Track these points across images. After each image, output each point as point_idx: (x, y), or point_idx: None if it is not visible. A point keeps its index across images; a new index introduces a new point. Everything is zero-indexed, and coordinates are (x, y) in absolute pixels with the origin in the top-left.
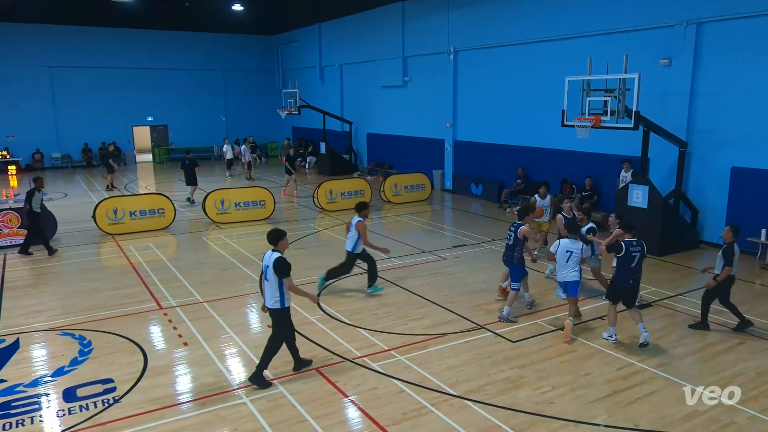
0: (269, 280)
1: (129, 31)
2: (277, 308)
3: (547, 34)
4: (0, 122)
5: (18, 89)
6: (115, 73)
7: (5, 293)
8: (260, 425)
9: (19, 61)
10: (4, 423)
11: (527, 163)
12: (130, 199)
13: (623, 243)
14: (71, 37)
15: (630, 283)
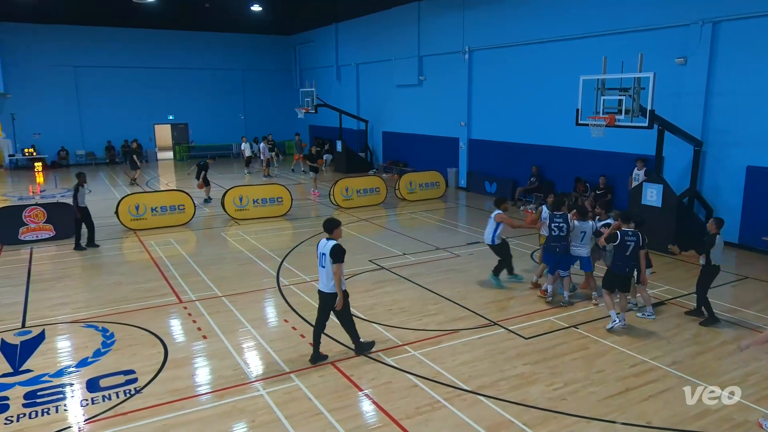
0: (325, 267)
1: (151, 32)
2: (333, 292)
3: (562, 33)
4: (27, 120)
5: (44, 88)
6: (137, 72)
7: (32, 286)
8: (277, 417)
9: (46, 61)
10: (30, 411)
11: (541, 161)
12: (152, 195)
13: (619, 233)
14: (95, 37)
15: (626, 271)
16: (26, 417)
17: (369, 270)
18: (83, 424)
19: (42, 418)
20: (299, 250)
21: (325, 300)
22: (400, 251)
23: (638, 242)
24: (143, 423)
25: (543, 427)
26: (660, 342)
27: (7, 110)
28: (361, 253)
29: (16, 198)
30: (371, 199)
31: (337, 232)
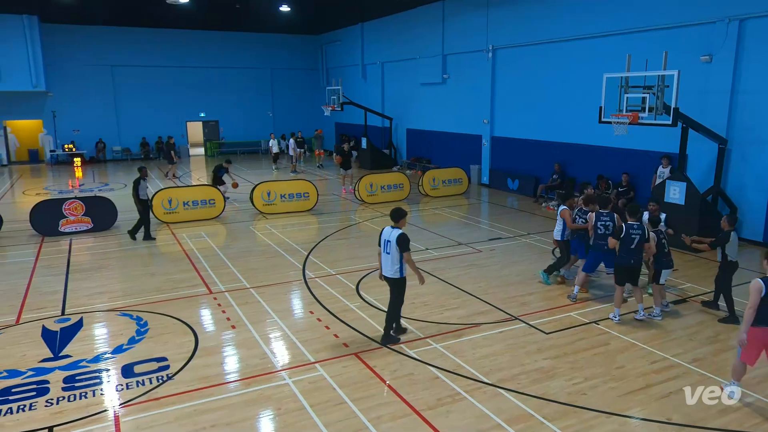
0: (390, 253)
1: (183, 32)
2: (396, 277)
3: (586, 31)
4: (67, 117)
5: (83, 87)
6: (170, 71)
7: (71, 276)
8: (302, 405)
9: (85, 61)
10: (69, 395)
11: (564, 158)
12: (184, 190)
13: (624, 225)
14: (131, 38)
15: (631, 262)
16: (65, 400)
17: None
18: (118, 407)
19: (80, 401)
20: (324, 244)
21: (390, 284)
22: (423, 246)
23: (643, 235)
24: (175, 408)
25: (563, 421)
26: (681, 339)
27: (48, 108)
28: None
29: (57, 192)
30: (395, 194)
31: (402, 222)
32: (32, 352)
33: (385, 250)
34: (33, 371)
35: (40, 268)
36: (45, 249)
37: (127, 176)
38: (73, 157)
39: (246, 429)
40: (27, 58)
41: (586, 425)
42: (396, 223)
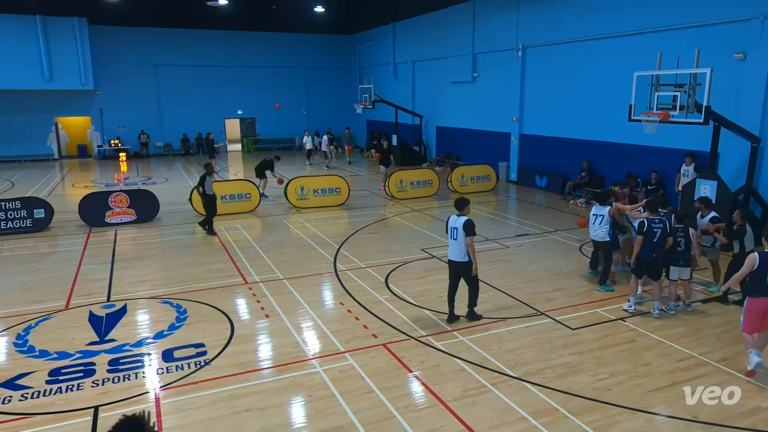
0: (457, 239)
1: (222, 33)
2: (465, 261)
3: (617, 29)
4: (113, 114)
5: (128, 85)
6: (210, 70)
7: (116, 264)
8: (332, 393)
9: (130, 61)
10: (113, 377)
11: (592, 156)
12: (221, 184)
13: (646, 220)
14: (174, 39)
15: (653, 256)
16: (110, 381)
17: (421, 258)
18: (159, 390)
19: (123, 383)
20: (355, 238)
21: (458, 268)
22: None
23: (665, 229)
24: (211, 392)
25: (587, 416)
26: (710, 338)
27: (96, 106)
28: (414, 241)
29: (103, 185)
30: (424, 190)
31: (467, 209)
32: (80, 335)
33: (452, 236)
34: (81, 354)
35: (87, 256)
36: (92, 239)
37: (168, 171)
38: (119, 152)
39: (278, 414)
40: (77, 59)
41: (611, 421)
42: (461, 210)
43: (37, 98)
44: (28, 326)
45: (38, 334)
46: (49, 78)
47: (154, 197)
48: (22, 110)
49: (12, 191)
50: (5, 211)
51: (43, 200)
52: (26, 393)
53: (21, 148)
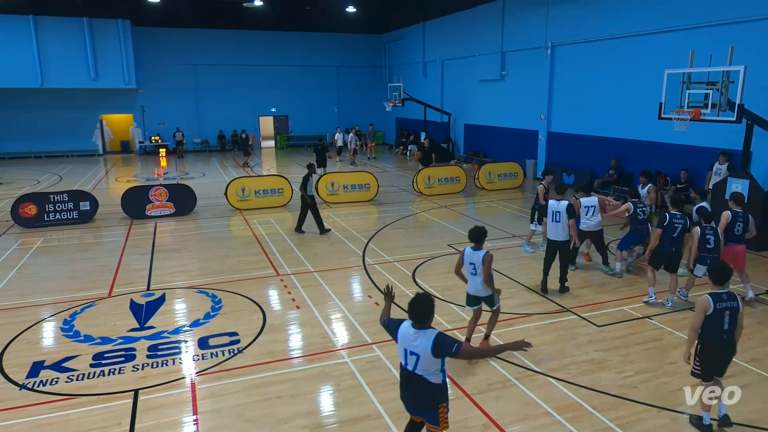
0: (560, 222)
1: (257, 33)
2: (566, 240)
3: (648, 27)
4: (154, 111)
5: (168, 84)
6: (245, 69)
7: (155, 255)
8: (359, 383)
9: (170, 61)
10: (152, 362)
11: (621, 154)
12: (255, 179)
13: (667, 214)
14: (211, 39)
15: (672, 250)
16: (149, 366)
17: (448, 254)
18: (195, 376)
19: (161, 368)
20: (383, 233)
21: (557, 246)
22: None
23: (685, 225)
24: (244, 379)
25: (612, 413)
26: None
27: (138, 103)
28: (441, 237)
29: (144, 179)
30: (451, 187)
31: (565, 194)
32: (122, 322)
33: (554, 219)
34: (122, 339)
35: (129, 247)
36: (134, 230)
37: (205, 167)
38: (159, 148)
39: (308, 402)
40: (121, 59)
41: (636, 418)
42: (562, 195)
43: (83, 96)
44: (74, 312)
45: (83, 320)
46: (94, 77)
47: (192, 191)
48: (70, 108)
49: (60, 185)
50: (54, 203)
51: (88, 193)
52: (72, 375)
53: (68, 143)
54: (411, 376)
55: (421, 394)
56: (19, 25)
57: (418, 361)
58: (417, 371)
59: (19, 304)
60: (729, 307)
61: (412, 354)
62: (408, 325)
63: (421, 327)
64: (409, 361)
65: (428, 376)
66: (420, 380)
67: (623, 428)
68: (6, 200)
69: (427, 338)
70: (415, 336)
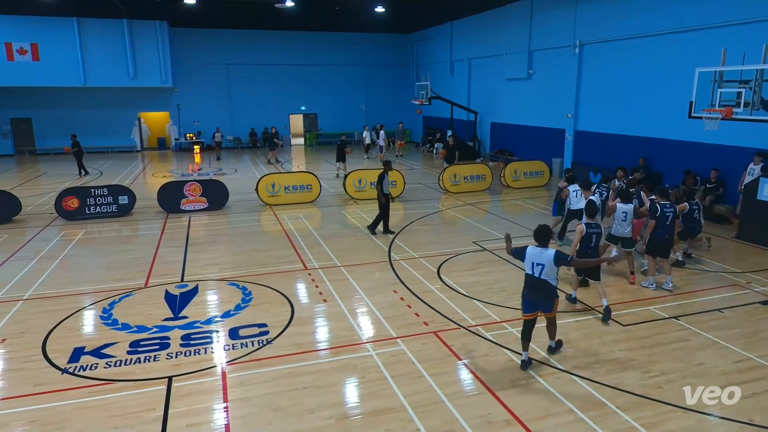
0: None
1: (288, 33)
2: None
3: (678, 25)
4: (189, 110)
5: (202, 83)
6: (276, 69)
7: (189, 248)
8: (384, 376)
9: (204, 60)
10: (185, 351)
11: (649, 153)
12: (285, 176)
13: (658, 206)
14: (244, 39)
15: (666, 237)
16: (182, 355)
17: (472, 250)
18: (225, 365)
19: (194, 357)
20: (409, 229)
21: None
22: (503, 235)
23: (675, 213)
24: (272, 369)
25: (636, 412)
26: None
27: (174, 102)
28: (466, 234)
29: (179, 174)
30: (477, 185)
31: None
32: (157, 311)
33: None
34: (157, 328)
35: (164, 240)
36: (169, 224)
37: (237, 163)
38: (194, 144)
39: (334, 393)
40: (158, 59)
41: (661, 419)
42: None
43: (122, 95)
44: (113, 301)
45: (121, 309)
46: (133, 76)
47: (224, 187)
48: (110, 106)
49: (100, 179)
50: (94, 197)
51: (127, 188)
52: (110, 361)
53: (108, 140)
54: (537, 281)
55: (544, 292)
56: (64, 27)
57: (543, 270)
58: (542, 277)
59: (61, 292)
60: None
61: (538, 265)
62: (533, 247)
63: (544, 246)
64: (536, 270)
65: (550, 280)
66: (544, 283)
67: (647, 428)
68: (50, 194)
69: (549, 253)
70: (540, 253)
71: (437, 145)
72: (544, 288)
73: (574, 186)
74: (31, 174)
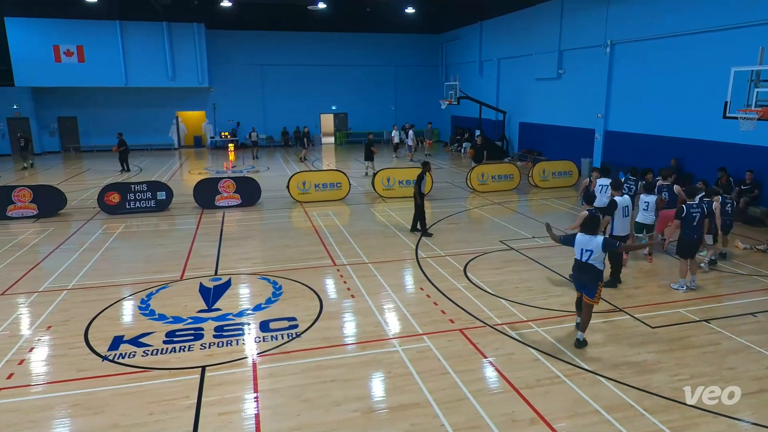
0: (628, 216)
1: (320, 34)
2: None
3: (713, 24)
4: (224, 109)
5: (237, 83)
6: (308, 69)
7: (223, 243)
8: (409, 371)
9: (239, 61)
10: (218, 341)
11: (681, 153)
12: (315, 173)
13: (684, 206)
14: (277, 40)
15: (695, 237)
16: (215, 345)
17: (499, 249)
18: (256, 356)
19: (226, 348)
20: (436, 228)
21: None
22: (530, 234)
23: (703, 212)
24: (301, 362)
25: (664, 415)
26: None
27: (210, 101)
28: (493, 233)
29: (214, 172)
30: (505, 184)
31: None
32: (192, 303)
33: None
34: (192, 319)
35: (199, 234)
36: (204, 219)
37: (270, 161)
38: (228, 143)
39: (360, 386)
40: (195, 60)
41: (690, 422)
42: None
43: (161, 95)
44: (150, 293)
45: (158, 300)
46: (172, 77)
47: (257, 184)
48: (149, 105)
49: (140, 175)
50: (134, 193)
51: (164, 184)
52: (147, 350)
53: (147, 138)
54: (585, 265)
55: (590, 275)
56: (108, 29)
57: (591, 255)
58: (589, 261)
59: (103, 283)
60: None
61: (587, 251)
62: (581, 235)
63: (592, 234)
64: (584, 255)
65: (597, 265)
66: (591, 267)
67: None
68: (93, 189)
69: (598, 240)
70: (588, 240)
71: (465, 144)
72: (591, 271)
73: (603, 180)
74: (75, 170)
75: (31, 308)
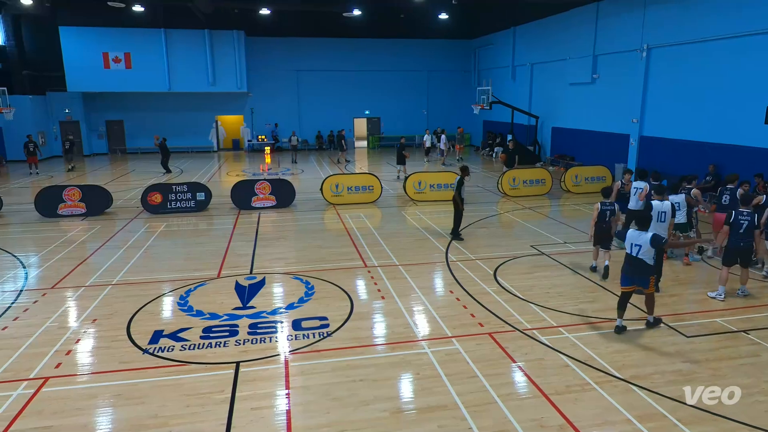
0: (664, 222)
1: (354, 40)
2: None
3: (752, 27)
4: (261, 113)
5: (274, 88)
6: (342, 74)
7: (258, 242)
8: (438, 373)
9: (276, 67)
10: (252, 338)
11: (719, 160)
12: (348, 177)
13: (733, 212)
14: (313, 46)
15: (741, 245)
16: (249, 342)
17: (530, 254)
18: (288, 354)
19: (259, 344)
20: (467, 231)
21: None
22: (561, 240)
23: (752, 221)
24: (332, 360)
25: (698, 426)
26: None
27: (248, 106)
28: (524, 238)
29: (251, 174)
30: (537, 189)
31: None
32: (228, 301)
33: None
34: (227, 316)
35: (236, 234)
36: (240, 219)
37: (304, 164)
38: (265, 146)
39: (388, 387)
40: (235, 66)
41: None
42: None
43: (202, 99)
44: (189, 289)
45: (196, 297)
46: (212, 82)
47: (291, 186)
48: (191, 109)
49: (181, 177)
50: (175, 193)
51: (204, 185)
52: (185, 344)
53: (188, 140)
54: (635, 259)
55: (641, 270)
56: (153, 37)
57: (640, 250)
58: (639, 256)
59: (145, 279)
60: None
61: (636, 245)
62: (632, 230)
63: (643, 230)
64: (634, 250)
65: (646, 259)
66: (641, 261)
67: None
68: (137, 189)
69: (646, 236)
70: (638, 235)
71: (497, 149)
72: (640, 266)
73: (639, 183)
74: (121, 171)
75: (78, 302)
